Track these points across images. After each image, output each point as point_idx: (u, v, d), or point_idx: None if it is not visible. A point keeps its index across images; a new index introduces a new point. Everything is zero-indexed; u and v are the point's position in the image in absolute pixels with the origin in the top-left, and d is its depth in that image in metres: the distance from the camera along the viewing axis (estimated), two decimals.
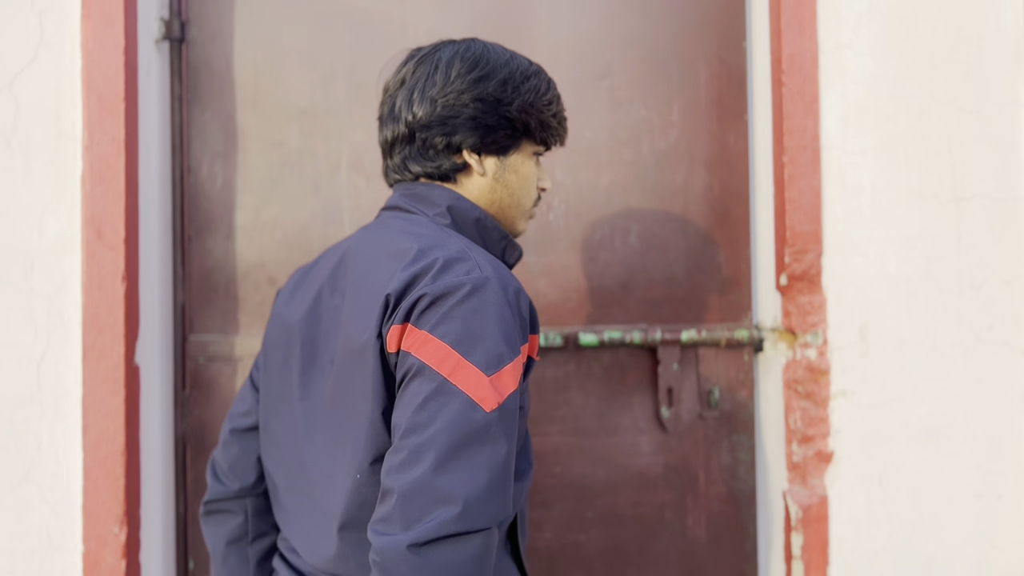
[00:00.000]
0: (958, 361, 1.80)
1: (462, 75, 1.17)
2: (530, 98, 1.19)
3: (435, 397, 0.96)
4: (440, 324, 0.98)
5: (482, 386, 0.96)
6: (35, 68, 1.66)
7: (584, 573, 1.88)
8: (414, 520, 0.92)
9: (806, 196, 1.79)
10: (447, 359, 0.97)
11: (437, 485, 0.92)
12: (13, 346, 1.64)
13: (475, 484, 0.93)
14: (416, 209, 1.16)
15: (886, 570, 1.79)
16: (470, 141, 1.17)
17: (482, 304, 0.99)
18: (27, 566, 1.63)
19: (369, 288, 1.06)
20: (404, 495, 0.93)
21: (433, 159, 1.17)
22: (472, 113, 1.16)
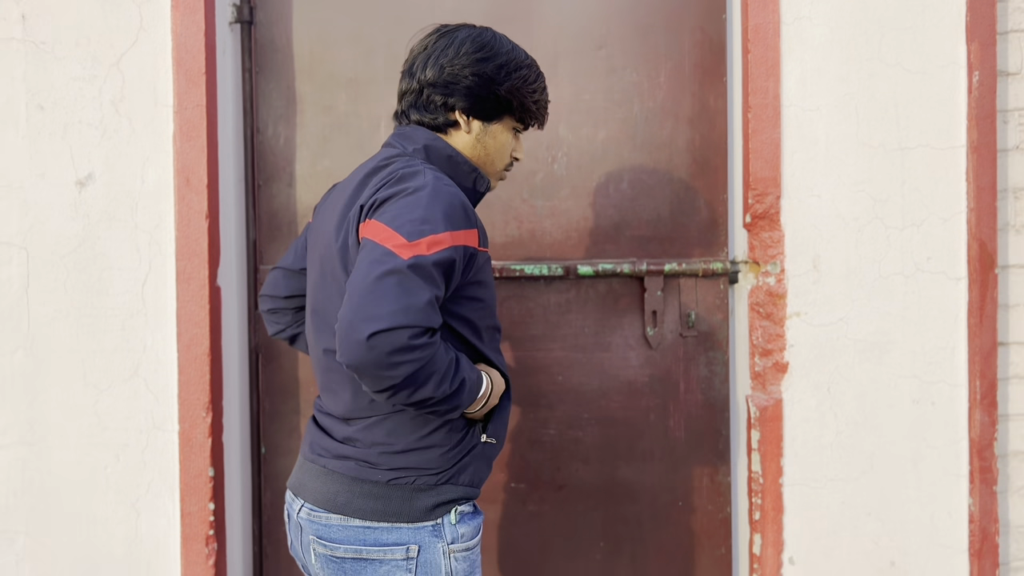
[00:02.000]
0: (899, 287, 2.11)
1: (469, 53, 1.52)
2: (518, 84, 1.53)
3: (369, 254, 1.31)
4: (384, 213, 1.35)
5: (402, 246, 1.30)
6: (136, 49, 2.09)
7: (582, 463, 2.26)
8: (356, 329, 1.25)
9: (767, 147, 2.11)
10: (382, 232, 1.32)
11: (362, 308, 1.26)
12: (123, 269, 2.09)
13: (389, 304, 1.26)
14: (399, 145, 1.54)
15: (832, 462, 2.12)
16: (462, 104, 1.52)
17: (416, 199, 1.35)
18: (137, 441, 2.10)
19: (349, 200, 1.45)
20: (340, 323, 1.28)
21: (432, 112, 1.54)
22: (469, 84, 1.51)
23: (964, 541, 2.12)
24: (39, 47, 2.09)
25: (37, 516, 2.11)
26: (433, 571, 1.42)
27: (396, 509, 1.42)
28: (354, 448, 1.45)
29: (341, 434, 1.48)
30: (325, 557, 1.45)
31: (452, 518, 1.45)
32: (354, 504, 1.42)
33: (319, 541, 1.45)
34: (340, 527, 1.43)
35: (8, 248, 2.09)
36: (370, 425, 1.45)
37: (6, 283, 2.09)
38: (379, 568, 1.41)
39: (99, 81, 2.09)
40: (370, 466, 1.43)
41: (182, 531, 2.08)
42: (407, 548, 1.41)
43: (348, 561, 1.42)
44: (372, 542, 1.42)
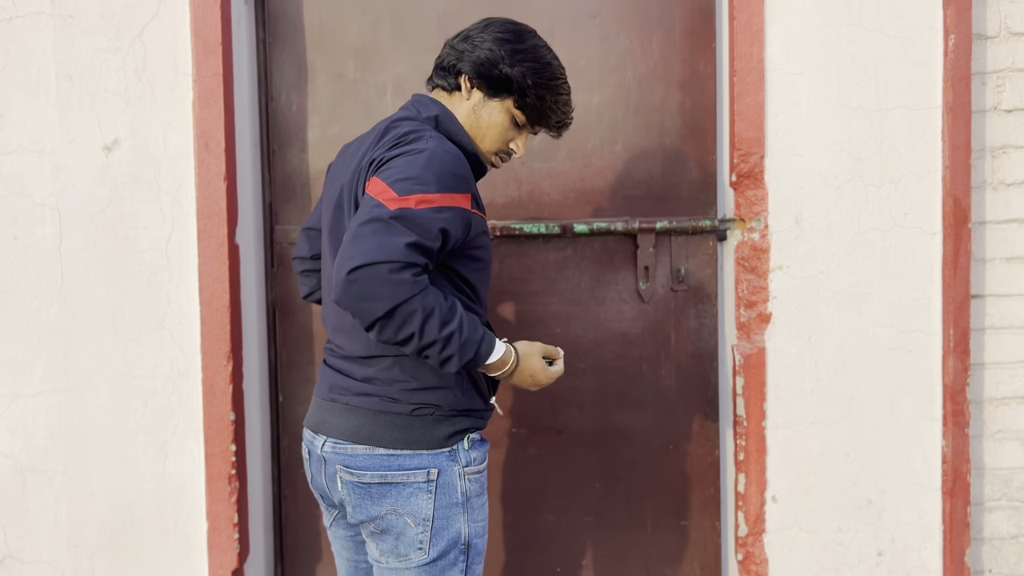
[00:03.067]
0: (878, 241, 2.23)
1: (495, 33, 1.66)
2: (529, 74, 1.62)
3: (363, 207, 1.46)
4: (384, 171, 1.49)
5: (391, 200, 1.43)
6: (157, 21, 2.23)
7: (578, 410, 2.41)
8: (341, 268, 1.39)
9: (752, 109, 2.22)
10: (378, 187, 1.46)
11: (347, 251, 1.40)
12: (148, 228, 2.24)
13: (368, 243, 1.40)
14: (414, 110, 1.67)
15: (813, 407, 2.26)
16: (468, 70, 1.65)
17: (414, 160, 1.48)
18: (164, 387, 2.26)
19: (361, 156, 1.59)
20: (337, 260, 1.42)
21: (443, 72, 1.68)
22: (480, 55, 1.64)
23: (938, 481, 2.26)
24: (67, 20, 2.23)
25: (73, 457, 2.28)
26: (450, 491, 1.57)
27: (418, 437, 1.57)
28: (375, 386, 1.59)
29: (360, 374, 1.61)
30: (352, 484, 1.59)
31: (465, 444, 1.60)
32: (378, 435, 1.57)
33: (346, 470, 1.59)
34: (365, 456, 1.58)
35: (42, 209, 2.24)
36: (389, 365, 1.59)
37: (40, 242, 2.25)
38: (403, 490, 1.56)
39: (123, 52, 2.23)
40: (393, 401, 1.58)
41: (206, 471, 2.25)
42: (428, 472, 1.56)
43: (374, 486, 1.57)
44: (396, 467, 1.56)
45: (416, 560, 1.56)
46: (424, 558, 1.56)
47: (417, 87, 2.35)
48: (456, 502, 1.58)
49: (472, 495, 1.61)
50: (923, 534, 2.27)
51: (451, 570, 1.58)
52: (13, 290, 2.26)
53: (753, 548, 2.27)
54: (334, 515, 1.73)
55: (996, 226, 2.30)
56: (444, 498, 1.57)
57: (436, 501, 1.56)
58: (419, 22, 2.38)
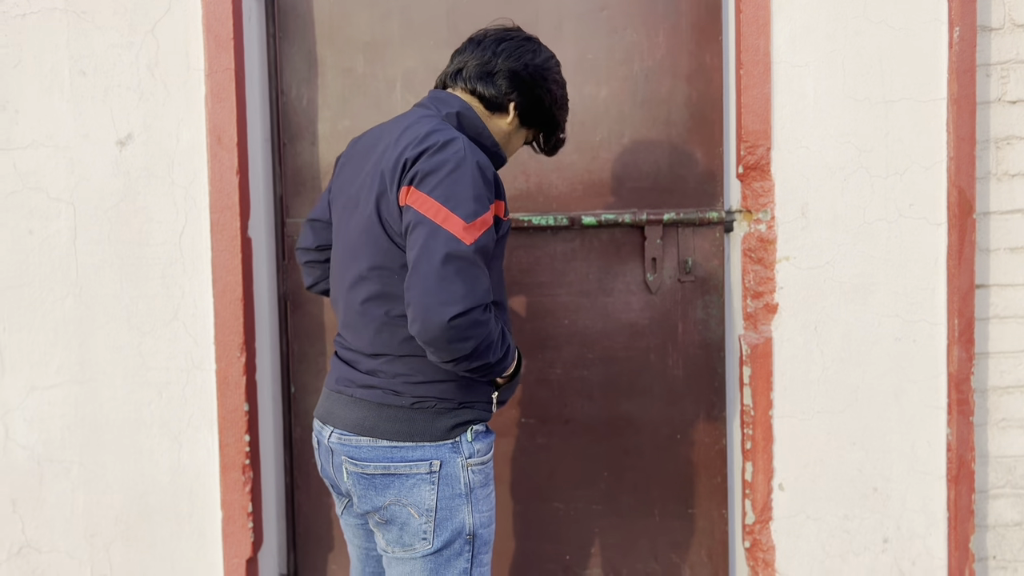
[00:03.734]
0: (883, 232, 2.25)
1: (552, 69, 1.75)
2: (561, 114, 1.79)
3: (432, 236, 1.48)
4: (435, 188, 1.50)
5: (463, 230, 1.48)
6: (169, 17, 2.25)
7: (586, 400, 2.44)
8: (435, 313, 1.44)
9: (758, 102, 2.24)
10: (439, 212, 1.49)
11: (439, 292, 1.45)
12: (162, 222, 2.27)
13: (461, 288, 1.45)
14: (433, 107, 1.69)
15: (819, 396, 2.29)
16: (520, 101, 1.71)
17: (464, 175, 1.51)
18: (178, 379, 2.29)
19: (389, 156, 1.58)
20: (416, 304, 1.46)
21: (495, 91, 1.70)
22: (541, 93, 1.73)
23: (942, 468, 2.29)
24: (80, 16, 2.25)
25: (89, 448, 2.32)
26: (453, 482, 1.60)
27: (420, 430, 1.60)
28: (378, 379, 1.63)
29: (366, 367, 1.65)
30: (356, 475, 1.62)
31: (468, 436, 1.63)
32: (381, 427, 1.60)
33: (351, 460, 1.63)
34: (369, 447, 1.61)
35: (57, 203, 2.27)
36: (392, 360, 1.62)
37: (55, 235, 2.28)
38: (406, 481, 1.59)
39: (135, 48, 2.25)
40: (395, 394, 1.61)
41: (220, 461, 2.28)
42: (430, 463, 1.59)
43: (378, 477, 1.60)
44: (399, 459, 1.59)
45: (421, 550, 1.59)
46: (429, 548, 1.59)
47: (426, 81, 2.38)
48: (460, 493, 1.61)
49: (476, 486, 1.63)
50: (928, 521, 2.30)
51: (456, 560, 1.61)
52: (29, 283, 2.29)
53: (760, 535, 2.31)
54: (344, 503, 1.76)
55: (1000, 216, 2.32)
56: (447, 489, 1.60)
57: (439, 492, 1.59)
58: (428, 16, 2.40)
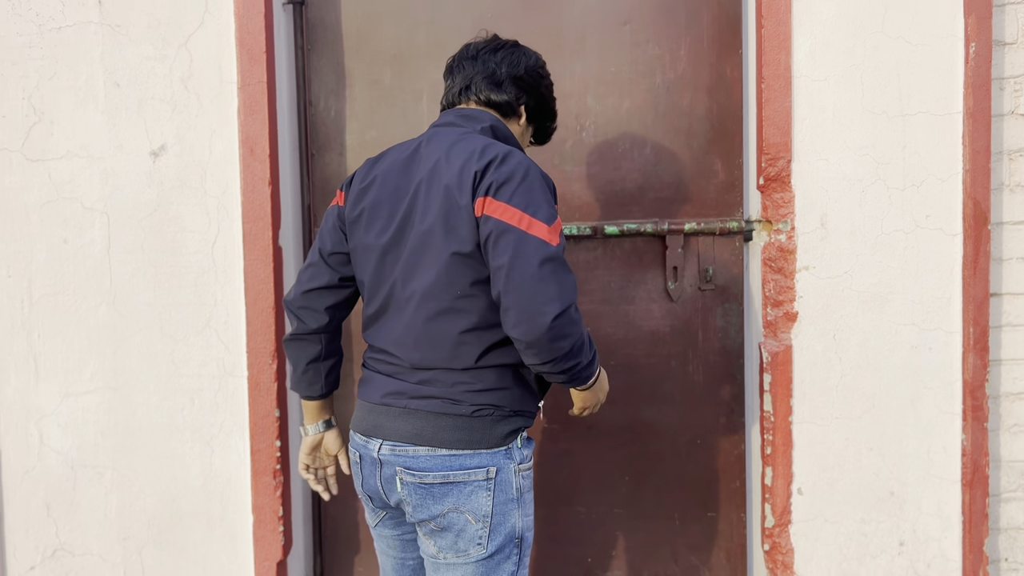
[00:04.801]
0: (900, 243, 2.31)
1: (543, 67, 1.86)
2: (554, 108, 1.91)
3: (522, 242, 1.53)
4: (513, 197, 1.56)
5: (548, 233, 1.55)
6: (203, 31, 2.29)
7: (608, 406, 2.49)
8: (540, 313, 1.49)
9: (779, 114, 2.30)
10: (523, 219, 1.54)
11: (539, 294, 1.50)
12: (195, 231, 2.31)
13: (556, 288, 1.52)
14: (464, 124, 1.73)
15: (837, 402, 2.34)
16: (528, 102, 1.82)
17: (534, 182, 1.58)
18: (210, 385, 2.34)
19: (449, 172, 1.60)
20: (518, 307, 1.51)
21: (507, 96, 1.78)
22: (543, 91, 1.85)
23: (957, 473, 2.34)
24: (115, 29, 2.29)
25: (122, 453, 2.36)
26: (507, 488, 1.65)
27: (478, 438, 1.63)
28: (435, 388, 1.65)
29: (415, 378, 1.67)
30: (414, 485, 1.64)
31: (519, 443, 1.68)
32: (440, 436, 1.63)
33: (408, 471, 1.64)
34: (427, 457, 1.63)
35: (91, 213, 2.32)
36: (446, 370, 1.65)
37: (90, 245, 2.32)
38: (464, 488, 1.63)
39: (169, 60, 2.30)
40: (454, 403, 1.64)
41: (252, 466, 2.33)
42: (487, 470, 1.63)
43: (436, 486, 1.63)
44: (458, 467, 1.63)
45: (475, 555, 1.64)
46: (483, 552, 1.64)
47: None
48: (512, 498, 1.66)
49: (525, 491, 1.69)
50: (943, 524, 2.35)
51: (506, 563, 1.66)
52: (64, 291, 2.33)
53: (779, 539, 2.36)
54: (380, 516, 1.79)
55: (1013, 227, 2.38)
56: (501, 495, 1.64)
57: (495, 498, 1.64)
58: (454, 29, 2.44)
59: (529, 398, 1.71)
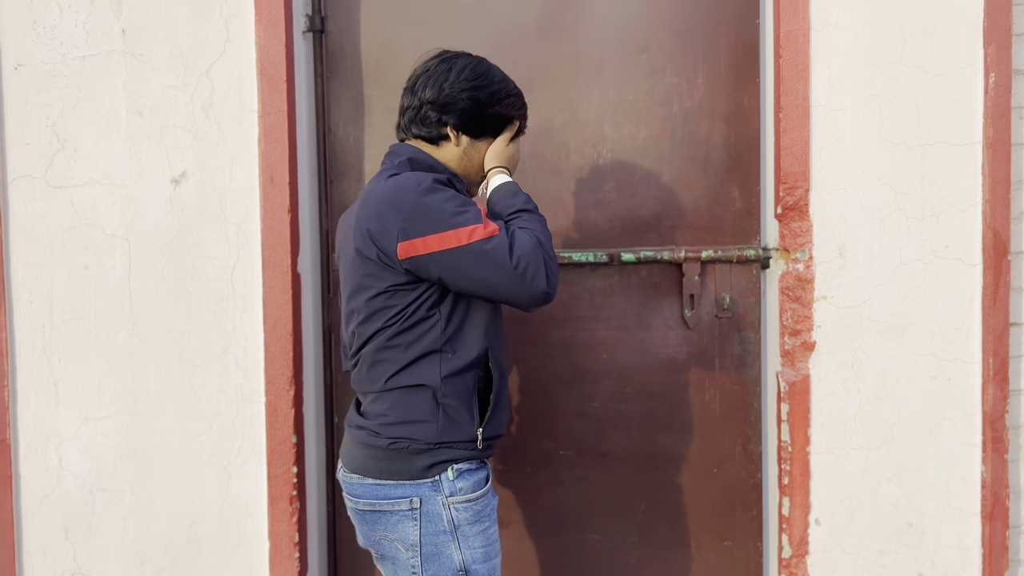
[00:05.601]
0: (919, 273, 2.30)
1: (467, 79, 1.79)
2: (507, 111, 1.82)
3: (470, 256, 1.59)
4: (424, 227, 1.59)
5: (480, 231, 1.59)
6: (224, 59, 2.32)
7: (624, 433, 2.49)
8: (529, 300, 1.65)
9: (797, 144, 2.30)
10: (448, 238, 1.58)
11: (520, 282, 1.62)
12: (215, 258, 2.33)
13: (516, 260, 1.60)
14: (388, 162, 1.80)
15: (856, 432, 2.33)
16: (454, 122, 1.78)
17: (430, 200, 1.61)
18: (228, 411, 2.35)
19: (359, 229, 1.67)
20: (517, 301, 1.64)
21: (428, 127, 1.79)
22: (463, 105, 1.77)
23: (977, 505, 2.32)
24: (138, 58, 2.32)
25: (140, 478, 2.37)
26: (435, 519, 1.68)
27: (397, 469, 1.69)
28: (366, 420, 1.74)
29: (362, 407, 1.79)
30: (352, 510, 1.76)
31: (450, 475, 1.69)
32: (367, 465, 1.71)
33: (347, 496, 1.76)
34: (359, 484, 1.72)
35: (112, 239, 2.34)
36: (375, 399, 1.72)
37: (111, 271, 2.35)
38: (391, 518, 1.69)
39: (191, 89, 2.32)
40: (374, 434, 1.71)
41: (269, 492, 2.34)
42: (411, 500, 1.68)
43: (367, 513, 1.72)
44: (383, 496, 1.69)
45: None
46: None
47: None
48: (444, 530, 1.68)
49: (463, 523, 1.69)
50: (962, 557, 2.33)
51: None
52: (84, 317, 2.36)
53: (796, 569, 2.34)
54: None
55: None
56: (430, 526, 1.67)
57: (422, 528, 1.67)
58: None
59: (458, 428, 1.70)
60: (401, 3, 2.47)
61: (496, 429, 1.75)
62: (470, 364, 1.70)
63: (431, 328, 1.67)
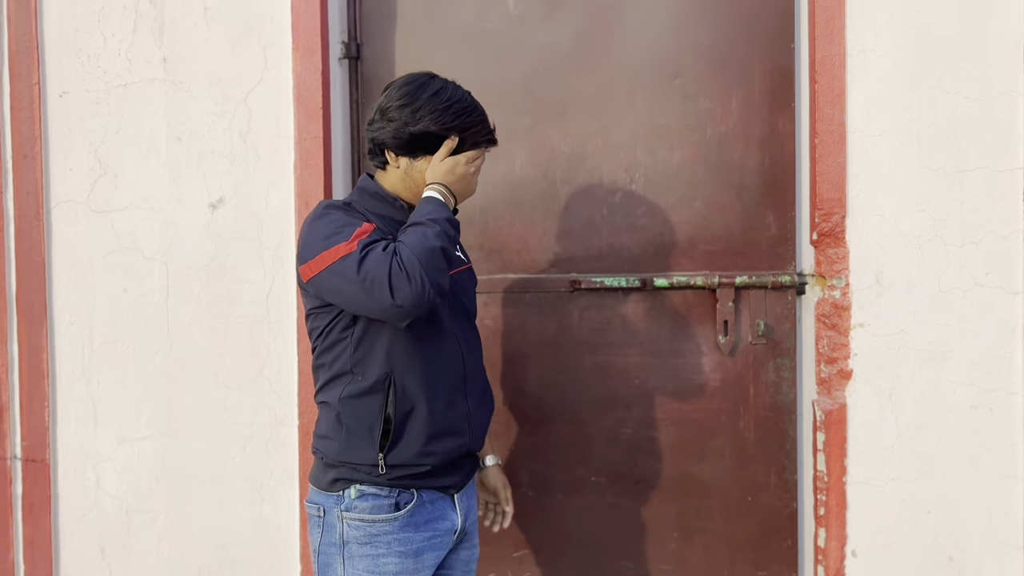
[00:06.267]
0: (958, 300, 2.26)
1: (396, 99, 1.76)
2: (432, 127, 1.74)
3: (336, 275, 1.60)
4: (311, 250, 1.65)
5: (342, 248, 1.60)
6: (262, 87, 2.36)
7: (657, 460, 2.47)
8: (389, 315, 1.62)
9: (833, 170, 2.27)
10: (324, 259, 1.61)
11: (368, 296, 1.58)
12: (250, 282, 2.36)
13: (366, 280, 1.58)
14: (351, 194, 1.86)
15: (894, 462, 2.28)
16: (389, 144, 1.76)
17: (316, 225, 1.67)
18: (262, 433, 2.37)
19: None
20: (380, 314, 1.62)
21: (375, 155, 1.81)
22: (392, 126, 1.74)
23: (1020, 539, 2.26)
24: (178, 86, 2.37)
25: (174, 499, 2.40)
26: (331, 531, 1.73)
27: (316, 477, 1.79)
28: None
29: None
30: None
31: (352, 493, 1.72)
32: (311, 472, 1.83)
33: None
34: None
35: (151, 263, 2.38)
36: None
37: (149, 294, 2.39)
38: (311, 520, 1.78)
39: (229, 116, 2.36)
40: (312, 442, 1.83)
41: (301, 514, 2.35)
42: (319, 508, 1.75)
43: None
44: (309, 500, 1.80)
45: None
46: None
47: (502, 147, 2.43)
48: (335, 543, 1.72)
49: (351, 541, 1.71)
50: None
51: None
52: (123, 339, 2.40)
53: None
54: None
55: None
56: (327, 536, 1.73)
57: (322, 537, 1.74)
58: (505, 84, 2.47)
59: (358, 450, 1.71)
60: (436, 30, 2.49)
61: (407, 458, 1.72)
62: (371, 388, 1.71)
63: (344, 350, 1.72)
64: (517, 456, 2.45)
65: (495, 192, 2.48)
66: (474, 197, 2.46)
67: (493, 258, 2.49)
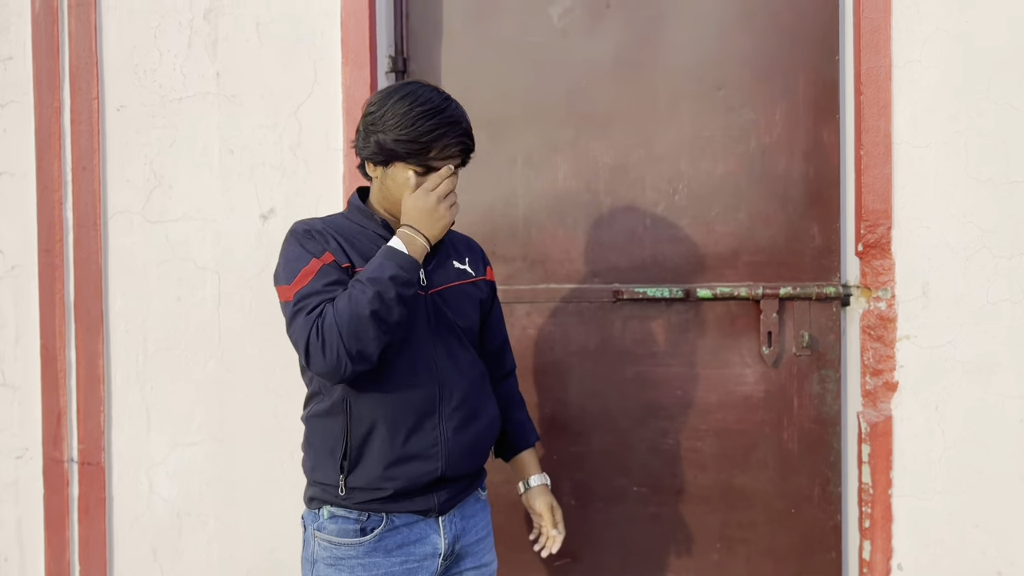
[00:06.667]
0: (1007, 313, 2.24)
1: (368, 109, 1.69)
2: (394, 134, 1.62)
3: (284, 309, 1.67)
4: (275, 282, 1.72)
5: (284, 292, 1.67)
6: (312, 100, 2.41)
7: (700, 470, 2.47)
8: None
9: (879, 181, 2.27)
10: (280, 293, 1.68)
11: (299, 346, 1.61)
12: None
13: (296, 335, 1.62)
14: None
15: (940, 475, 2.27)
16: (363, 153, 1.71)
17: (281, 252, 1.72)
18: None
19: None
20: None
21: (362, 167, 1.78)
22: (361, 136, 1.70)
23: None
24: (230, 100, 2.43)
25: (225, 503, 2.45)
26: (307, 546, 1.76)
27: (304, 491, 1.81)
28: None
29: None
30: None
31: (324, 513, 1.72)
32: None
33: None
34: None
35: (204, 272, 2.44)
36: None
37: (202, 302, 2.45)
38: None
39: (279, 128, 2.42)
40: None
41: None
42: (303, 520, 1.79)
43: None
44: None
45: None
46: None
47: (545, 158, 2.49)
48: (308, 559, 1.75)
49: (319, 560, 1.71)
50: None
51: None
52: (175, 346, 2.46)
53: None
54: None
55: None
56: (304, 550, 1.77)
57: (302, 551, 1.78)
58: (549, 96, 2.50)
59: (322, 470, 1.72)
60: (480, 44, 2.53)
61: (368, 482, 1.66)
62: (330, 409, 1.70)
63: None
64: (559, 465, 2.47)
65: (538, 203, 2.50)
66: (516, 208, 2.51)
67: (536, 268, 2.52)
